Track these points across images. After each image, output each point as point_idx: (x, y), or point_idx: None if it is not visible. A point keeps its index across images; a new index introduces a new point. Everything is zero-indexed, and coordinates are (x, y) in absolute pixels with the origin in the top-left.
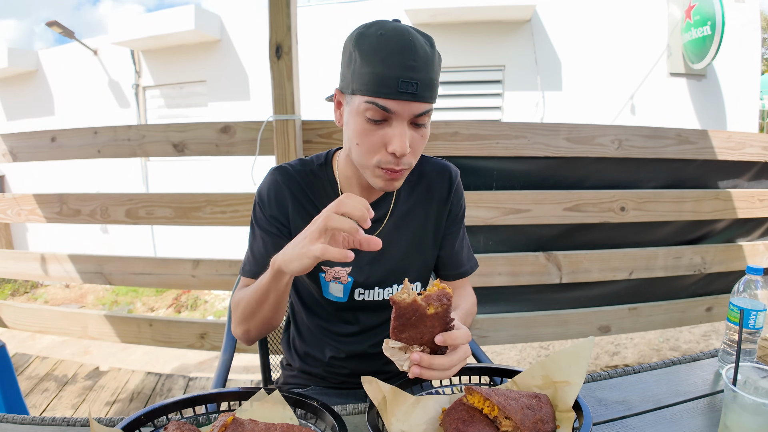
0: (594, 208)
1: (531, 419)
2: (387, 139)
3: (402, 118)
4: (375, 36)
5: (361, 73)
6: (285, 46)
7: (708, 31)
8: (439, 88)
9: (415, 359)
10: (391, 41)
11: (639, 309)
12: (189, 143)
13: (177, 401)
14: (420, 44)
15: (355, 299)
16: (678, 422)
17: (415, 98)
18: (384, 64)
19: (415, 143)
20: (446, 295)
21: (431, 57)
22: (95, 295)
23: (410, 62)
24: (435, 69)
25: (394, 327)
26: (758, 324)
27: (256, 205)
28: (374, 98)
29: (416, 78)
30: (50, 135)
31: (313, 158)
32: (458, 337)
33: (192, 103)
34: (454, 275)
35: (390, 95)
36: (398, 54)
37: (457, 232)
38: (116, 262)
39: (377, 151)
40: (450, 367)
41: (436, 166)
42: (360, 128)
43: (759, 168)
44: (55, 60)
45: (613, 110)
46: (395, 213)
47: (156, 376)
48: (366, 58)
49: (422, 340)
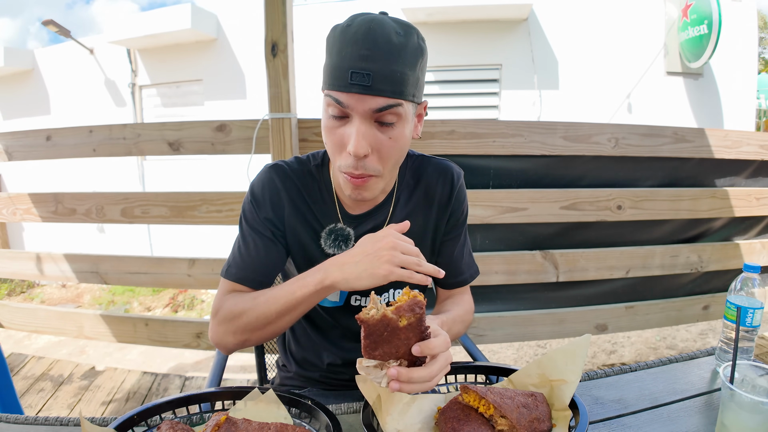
0: (591, 206)
1: (527, 418)
2: (346, 139)
3: (359, 113)
4: (341, 28)
5: (324, 66)
6: (281, 44)
7: (705, 30)
8: (437, 86)
9: (393, 374)
10: (350, 31)
11: (636, 307)
12: (184, 142)
13: (170, 400)
14: (384, 33)
15: (351, 304)
16: (675, 421)
17: (368, 91)
18: (339, 54)
19: (381, 146)
20: (418, 304)
21: (397, 47)
22: (92, 295)
23: (363, 51)
24: (402, 60)
25: (366, 345)
26: (755, 322)
27: (249, 203)
28: (329, 91)
29: (369, 68)
30: (45, 134)
31: (309, 157)
32: (436, 346)
33: (188, 102)
34: (451, 284)
35: (341, 87)
36: (353, 44)
37: (457, 237)
38: (112, 261)
39: (339, 152)
40: (431, 378)
41: (437, 167)
42: (325, 125)
43: (756, 166)
44: (51, 59)
45: (610, 109)
46: (394, 219)
47: (152, 376)
48: (328, 51)
49: (398, 354)
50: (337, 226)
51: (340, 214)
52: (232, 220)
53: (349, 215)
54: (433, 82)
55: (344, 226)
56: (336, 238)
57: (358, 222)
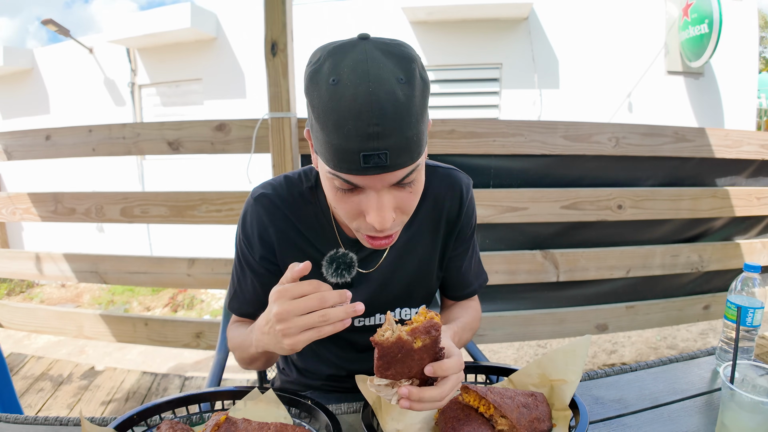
0: (591, 206)
1: (527, 418)
2: (363, 208)
3: (376, 188)
4: (326, 86)
5: (317, 137)
6: (280, 43)
7: (705, 29)
8: (437, 86)
9: (404, 393)
10: (345, 95)
11: (636, 307)
12: (184, 141)
13: (170, 400)
14: (388, 93)
15: (355, 325)
16: (675, 420)
17: (387, 170)
18: (339, 132)
19: (403, 203)
20: (434, 326)
21: (405, 106)
22: (91, 295)
23: (372, 128)
24: (413, 120)
25: (378, 366)
26: (755, 322)
27: (241, 240)
28: (336, 172)
29: (384, 147)
30: (45, 133)
31: (300, 176)
32: (449, 367)
33: (188, 102)
34: (459, 296)
35: (353, 171)
36: (355, 118)
37: (465, 252)
38: (111, 261)
39: (355, 217)
40: (441, 398)
41: (444, 179)
42: (332, 194)
43: (756, 166)
44: (51, 58)
45: (611, 108)
46: (398, 241)
47: (152, 376)
48: (320, 121)
49: (410, 374)
50: (338, 252)
51: (339, 239)
52: (232, 219)
53: (349, 239)
54: (433, 81)
55: (346, 252)
56: (338, 267)
57: (359, 246)
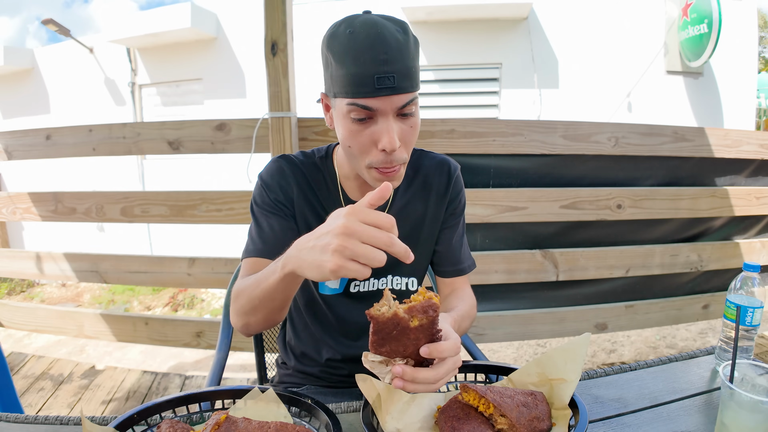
0: (591, 205)
1: (526, 417)
2: (376, 137)
3: (386, 113)
4: (344, 35)
5: (337, 75)
6: (280, 43)
7: (705, 29)
8: (437, 85)
9: (397, 372)
10: (360, 37)
11: (636, 306)
12: (184, 141)
13: (170, 399)
14: (390, 33)
15: (351, 291)
16: (675, 420)
17: (395, 91)
18: (356, 63)
19: (405, 135)
20: (432, 306)
21: (404, 44)
22: (92, 294)
23: (382, 56)
24: (411, 55)
25: (373, 341)
26: (755, 321)
27: (259, 188)
28: (354, 99)
29: (392, 70)
30: (45, 133)
31: (314, 151)
32: (445, 349)
33: (188, 101)
34: (451, 271)
35: (368, 93)
36: (369, 50)
37: (455, 226)
38: (112, 260)
39: (368, 150)
40: (436, 380)
41: (434, 160)
42: (348, 130)
43: (756, 166)
44: (51, 58)
45: (610, 108)
46: (393, 207)
47: (152, 375)
48: (339, 60)
49: (405, 353)
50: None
51: (344, 202)
52: (232, 219)
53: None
54: (433, 81)
55: None
56: None
57: None
